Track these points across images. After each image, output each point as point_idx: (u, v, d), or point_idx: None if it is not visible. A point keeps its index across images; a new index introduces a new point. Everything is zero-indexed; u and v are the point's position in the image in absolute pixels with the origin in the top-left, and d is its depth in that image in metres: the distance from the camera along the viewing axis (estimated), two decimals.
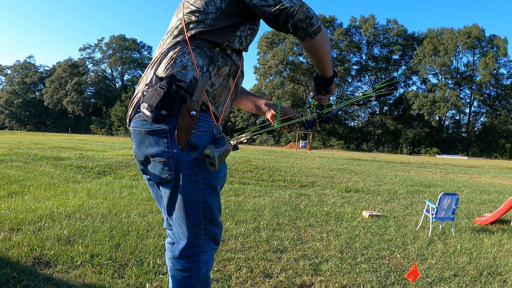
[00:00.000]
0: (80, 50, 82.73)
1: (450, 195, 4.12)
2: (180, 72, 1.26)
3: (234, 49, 1.42)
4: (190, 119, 1.22)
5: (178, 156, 1.25)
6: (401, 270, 2.86)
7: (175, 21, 1.38)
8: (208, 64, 1.32)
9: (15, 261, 2.48)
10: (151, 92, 1.22)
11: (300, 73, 63.54)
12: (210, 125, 1.31)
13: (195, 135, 1.26)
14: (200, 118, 1.27)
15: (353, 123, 69.05)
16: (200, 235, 1.36)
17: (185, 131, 1.22)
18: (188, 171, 1.27)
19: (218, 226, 1.41)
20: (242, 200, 5.35)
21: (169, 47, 1.34)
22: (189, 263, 1.36)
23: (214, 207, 1.35)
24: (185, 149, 1.24)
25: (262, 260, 2.86)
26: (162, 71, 1.28)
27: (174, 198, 1.32)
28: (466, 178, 12.45)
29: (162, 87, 1.20)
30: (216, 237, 1.41)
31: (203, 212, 1.33)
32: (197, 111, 1.23)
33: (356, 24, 66.10)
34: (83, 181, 6.25)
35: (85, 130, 70.26)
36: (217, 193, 1.37)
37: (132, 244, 2.97)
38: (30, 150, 11.28)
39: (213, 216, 1.37)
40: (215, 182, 1.33)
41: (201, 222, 1.34)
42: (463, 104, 57.72)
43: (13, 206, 4.00)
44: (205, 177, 1.30)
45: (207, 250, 1.38)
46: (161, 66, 1.29)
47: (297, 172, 10.43)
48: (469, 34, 57.33)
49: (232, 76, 1.45)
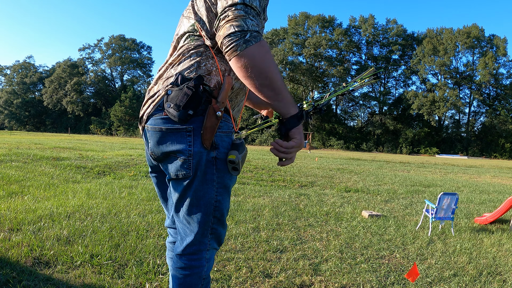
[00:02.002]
0: (80, 50, 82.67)
1: (449, 195, 4.12)
2: (205, 76, 1.28)
3: None
4: (215, 119, 1.25)
5: (200, 154, 1.27)
6: (401, 270, 2.86)
7: (188, 25, 1.37)
8: (230, 69, 1.33)
9: (14, 261, 2.47)
10: (176, 91, 1.24)
11: (299, 73, 63.49)
12: (229, 127, 1.34)
13: (216, 135, 1.29)
14: (222, 119, 1.30)
15: (352, 123, 69.14)
16: (207, 233, 1.37)
17: (210, 131, 1.25)
18: (207, 169, 1.29)
19: (224, 227, 1.43)
20: (241, 200, 5.35)
21: (190, 50, 1.33)
22: (191, 261, 1.37)
23: (224, 207, 1.37)
24: (209, 148, 1.27)
25: (262, 260, 2.86)
26: (187, 72, 1.28)
27: (186, 195, 1.33)
28: (465, 178, 12.46)
29: (190, 88, 1.22)
30: (220, 238, 1.43)
31: (214, 211, 1.35)
32: (222, 111, 1.26)
33: (355, 24, 66.13)
34: (82, 181, 6.25)
35: (85, 130, 70.22)
36: (229, 194, 1.39)
37: (132, 244, 2.97)
38: (30, 150, 11.27)
39: (222, 216, 1.38)
40: (229, 182, 1.35)
41: (209, 221, 1.36)
42: (462, 104, 57.75)
43: (12, 206, 4.00)
44: (221, 176, 1.32)
45: (210, 249, 1.39)
46: (184, 67, 1.30)
47: (297, 172, 10.43)
48: (469, 34, 57.36)
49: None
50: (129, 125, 66.32)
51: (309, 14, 65.00)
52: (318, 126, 62.82)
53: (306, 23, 65.25)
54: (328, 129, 63.20)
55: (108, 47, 78.30)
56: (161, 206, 4.51)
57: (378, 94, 66.10)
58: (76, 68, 76.91)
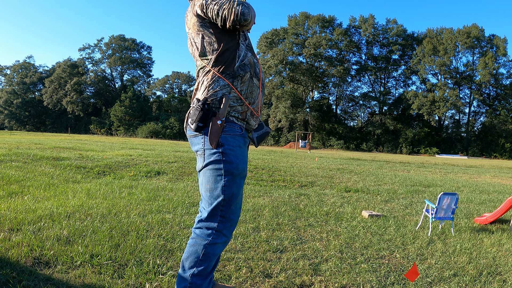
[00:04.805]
0: (80, 50, 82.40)
1: (449, 195, 4.12)
2: (213, 95, 1.86)
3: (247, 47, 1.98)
4: (217, 126, 1.80)
5: (209, 150, 1.84)
6: (401, 270, 2.86)
7: (196, 58, 1.96)
8: (232, 81, 1.87)
9: (14, 261, 2.47)
10: (193, 111, 1.85)
11: (299, 73, 63.48)
12: (235, 131, 1.87)
13: (222, 137, 1.83)
14: (226, 125, 1.84)
15: (352, 123, 69.13)
16: (216, 213, 1.83)
17: (214, 134, 1.80)
18: (215, 161, 1.82)
19: (233, 213, 1.86)
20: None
21: (201, 75, 1.93)
22: (199, 234, 1.85)
23: (230, 191, 1.83)
24: (215, 147, 1.81)
25: (262, 260, 2.86)
26: (200, 95, 1.89)
27: (203, 181, 1.88)
28: (465, 178, 12.46)
29: (198, 108, 1.83)
30: (230, 223, 1.85)
31: (222, 193, 1.82)
32: (222, 120, 1.81)
33: (355, 24, 66.10)
34: (82, 181, 6.25)
35: (85, 130, 70.20)
36: (236, 182, 1.85)
37: (132, 244, 2.97)
38: (30, 150, 11.27)
39: (230, 199, 1.83)
40: (235, 171, 1.83)
41: (220, 204, 1.82)
42: (462, 104, 57.72)
43: (12, 206, 3.99)
44: (227, 166, 1.82)
45: (217, 231, 1.83)
46: (201, 92, 1.90)
47: (297, 172, 10.43)
48: (469, 34, 57.33)
49: (255, 76, 1.96)
50: (129, 125, 66.32)
51: (309, 14, 64.99)
52: (318, 126, 62.82)
53: (306, 23, 65.23)
54: (328, 129, 63.18)
55: (108, 47, 78.29)
56: (160, 206, 4.52)
57: (378, 94, 66.11)
58: (76, 68, 76.87)
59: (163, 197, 5.14)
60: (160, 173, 7.97)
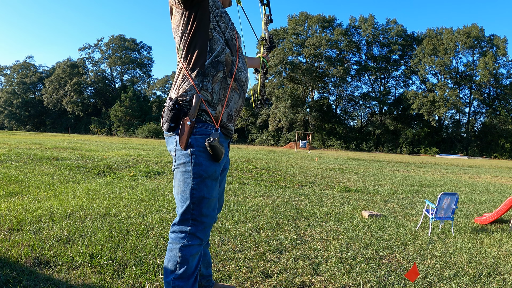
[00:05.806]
0: (80, 50, 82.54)
1: (449, 195, 4.12)
2: (183, 94, 1.76)
3: (226, 42, 1.82)
4: (187, 126, 1.72)
5: (180, 151, 1.77)
6: (401, 270, 2.86)
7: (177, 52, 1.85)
8: (202, 80, 1.76)
9: (14, 261, 2.47)
10: (166, 110, 1.77)
11: (299, 73, 63.47)
12: (207, 131, 1.76)
13: (192, 138, 1.74)
14: (197, 125, 1.74)
15: (352, 123, 69.12)
16: (188, 217, 1.77)
17: (184, 135, 1.73)
18: (184, 163, 1.75)
19: (205, 216, 1.78)
20: (241, 200, 5.35)
21: (177, 72, 1.84)
22: (174, 238, 1.81)
23: (200, 194, 1.75)
24: (185, 148, 1.74)
25: (262, 260, 2.86)
26: (173, 94, 1.81)
27: (175, 183, 1.82)
28: (465, 178, 12.46)
29: (169, 108, 1.75)
30: (202, 225, 1.78)
31: (191, 197, 1.75)
32: (192, 121, 1.72)
33: (355, 24, 66.08)
34: (82, 181, 6.25)
35: (85, 130, 70.21)
36: (206, 185, 1.77)
37: (132, 244, 2.97)
38: (30, 150, 11.27)
39: (200, 202, 1.76)
40: (204, 174, 1.75)
41: (189, 207, 1.76)
42: (462, 104, 57.70)
43: (12, 206, 3.99)
44: (196, 168, 1.74)
45: (190, 234, 1.77)
46: (173, 91, 1.82)
47: (297, 172, 10.43)
48: (469, 34, 57.31)
49: (229, 76, 1.82)
50: (129, 125, 66.29)
51: (309, 14, 64.97)
52: (318, 126, 62.82)
53: (306, 23, 65.22)
54: (328, 129, 63.18)
55: (108, 47, 78.29)
56: (160, 206, 4.52)
57: (378, 94, 66.10)
58: (76, 68, 76.89)
59: (163, 197, 5.14)
60: (160, 173, 7.97)
